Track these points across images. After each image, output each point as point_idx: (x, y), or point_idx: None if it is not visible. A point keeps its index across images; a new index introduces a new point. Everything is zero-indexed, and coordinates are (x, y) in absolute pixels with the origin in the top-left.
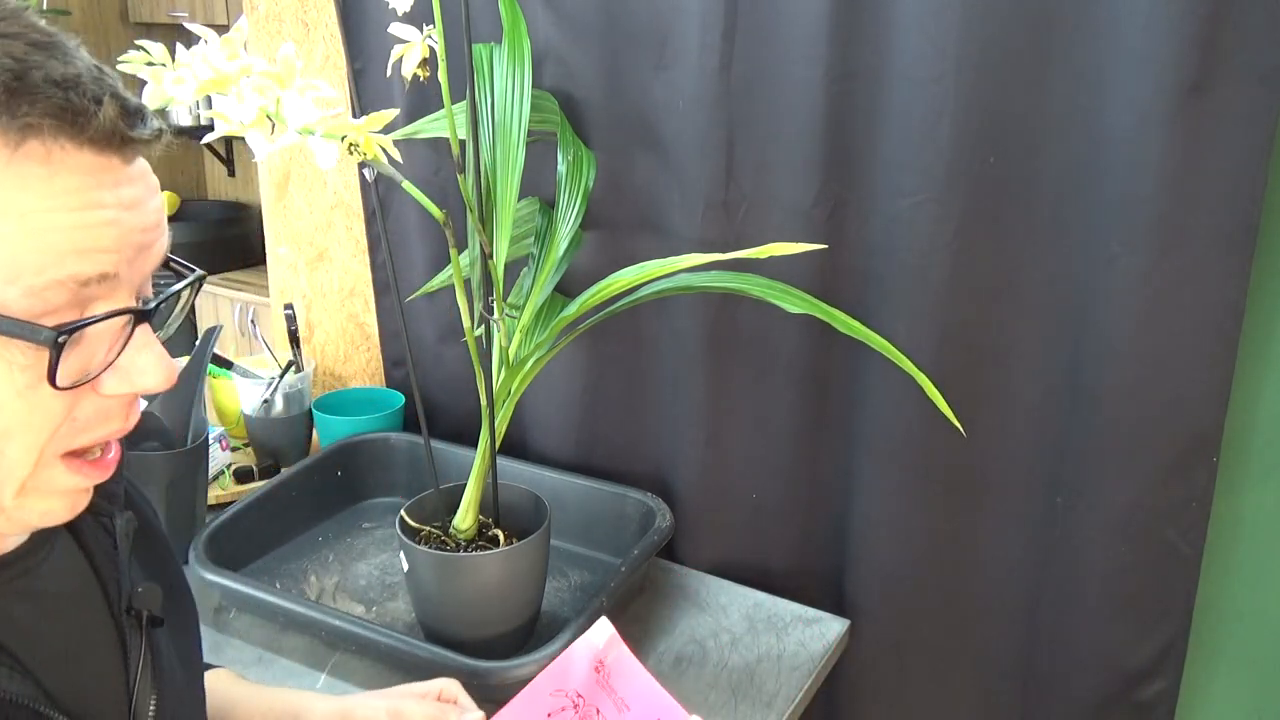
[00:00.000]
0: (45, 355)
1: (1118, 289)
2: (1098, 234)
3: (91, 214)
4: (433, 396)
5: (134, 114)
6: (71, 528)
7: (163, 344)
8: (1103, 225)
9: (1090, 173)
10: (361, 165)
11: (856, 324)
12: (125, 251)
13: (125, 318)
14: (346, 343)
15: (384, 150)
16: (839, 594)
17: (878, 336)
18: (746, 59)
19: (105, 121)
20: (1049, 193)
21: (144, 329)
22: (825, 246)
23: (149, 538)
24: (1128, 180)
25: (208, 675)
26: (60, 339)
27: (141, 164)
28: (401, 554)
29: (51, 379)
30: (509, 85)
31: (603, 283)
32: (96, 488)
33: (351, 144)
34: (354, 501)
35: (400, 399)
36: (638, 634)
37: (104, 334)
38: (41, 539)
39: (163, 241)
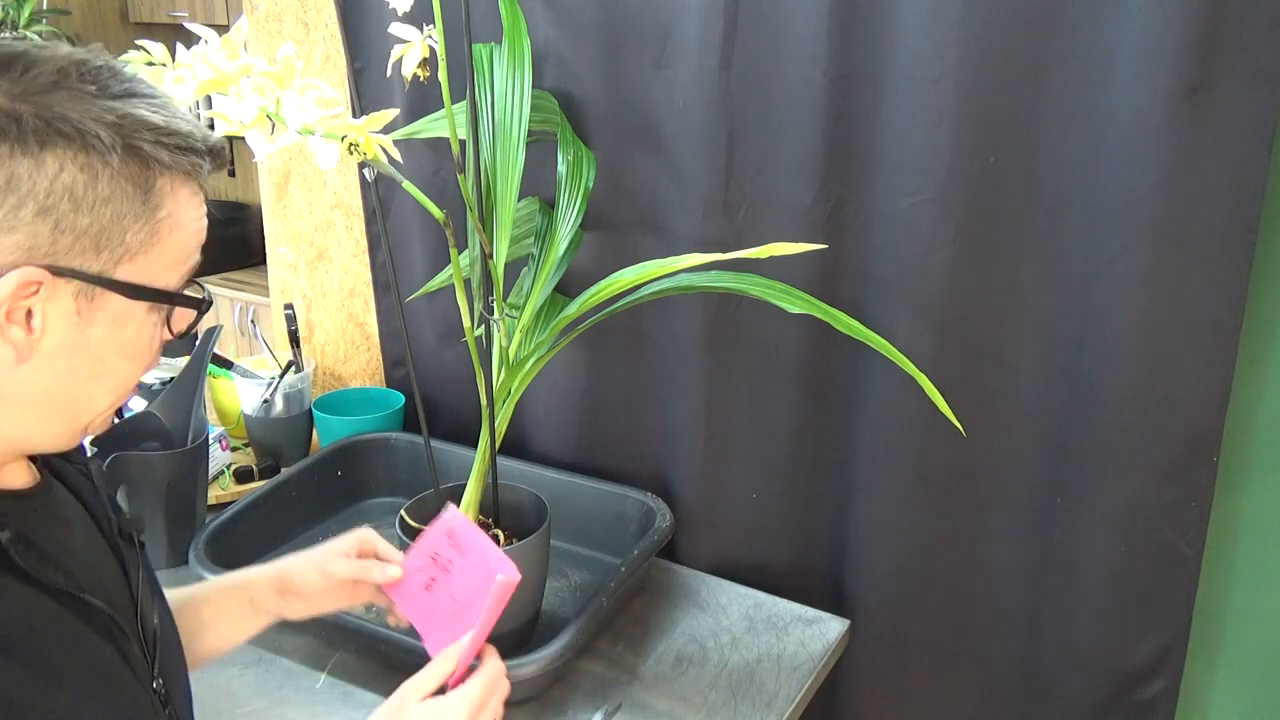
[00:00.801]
0: (164, 314)
1: (1118, 289)
2: (1098, 234)
3: (202, 222)
4: (433, 396)
5: (219, 158)
6: (58, 473)
7: (160, 342)
8: (1103, 225)
9: (1090, 173)
10: (361, 165)
11: (856, 324)
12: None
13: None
14: (346, 343)
15: (384, 150)
16: (839, 594)
17: (878, 337)
18: (746, 59)
19: (218, 160)
20: (1049, 193)
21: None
22: (825, 246)
23: (112, 480)
24: (1127, 180)
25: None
26: (205, 305)
27: None
28: None
29: (169, 327)
30: (509, 85)
31: (603, 283)
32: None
33: (351, 144)
34: (354, 501)
35: (400, 399)
36: (638, 634)
37: None
38: (46, 479)
39: None
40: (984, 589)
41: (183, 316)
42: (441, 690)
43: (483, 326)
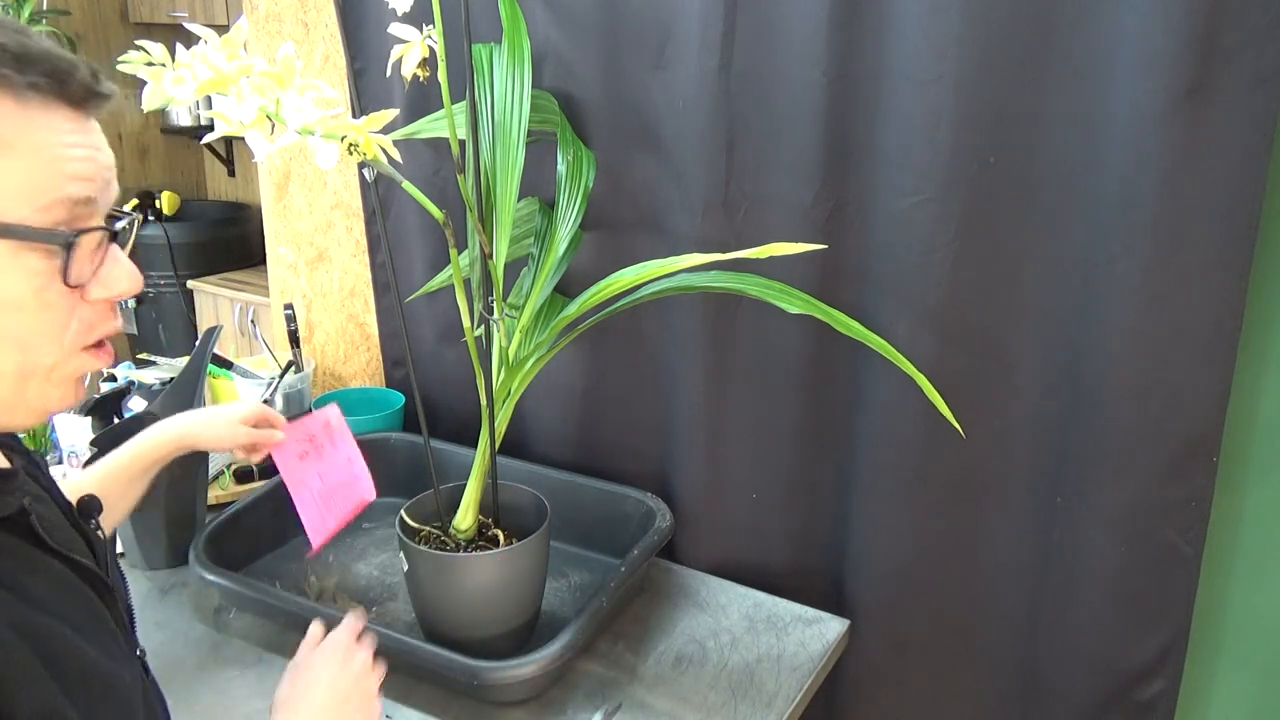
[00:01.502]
0: (56, 262)
1: (1118, 289)
2: (1098, 234)
3: (79, 150)
4: (433, 396)
5: (96, 75)
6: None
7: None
8: (1103, 225)
9: (1090, 173)
10: (361, 165)
11: (856, 324)
12: (98, 182)
13: (103, 234)
14: (346, 343)
15: (384, 150)
16: (839, 594)
17: (877, 337)
18: (746, 59)
19: (82, 79)
20: (1049, 193)
21: (114, 247)
22: (825, 246)
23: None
24: (1127, 181)
25: None
26: (70, 240)
27: (95, 122)
28: (401, 554)
29: (65, 277)
30: (509, 85)
31: (603, 283)
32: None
33: (351, 144)
34: None
35: (400, 399)
36: (638, 634)
37: (88, 252)
38: (12, 461)
39: (116, 183)
40: (984, 589)
41: (74, 271)
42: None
43: (483, 327)
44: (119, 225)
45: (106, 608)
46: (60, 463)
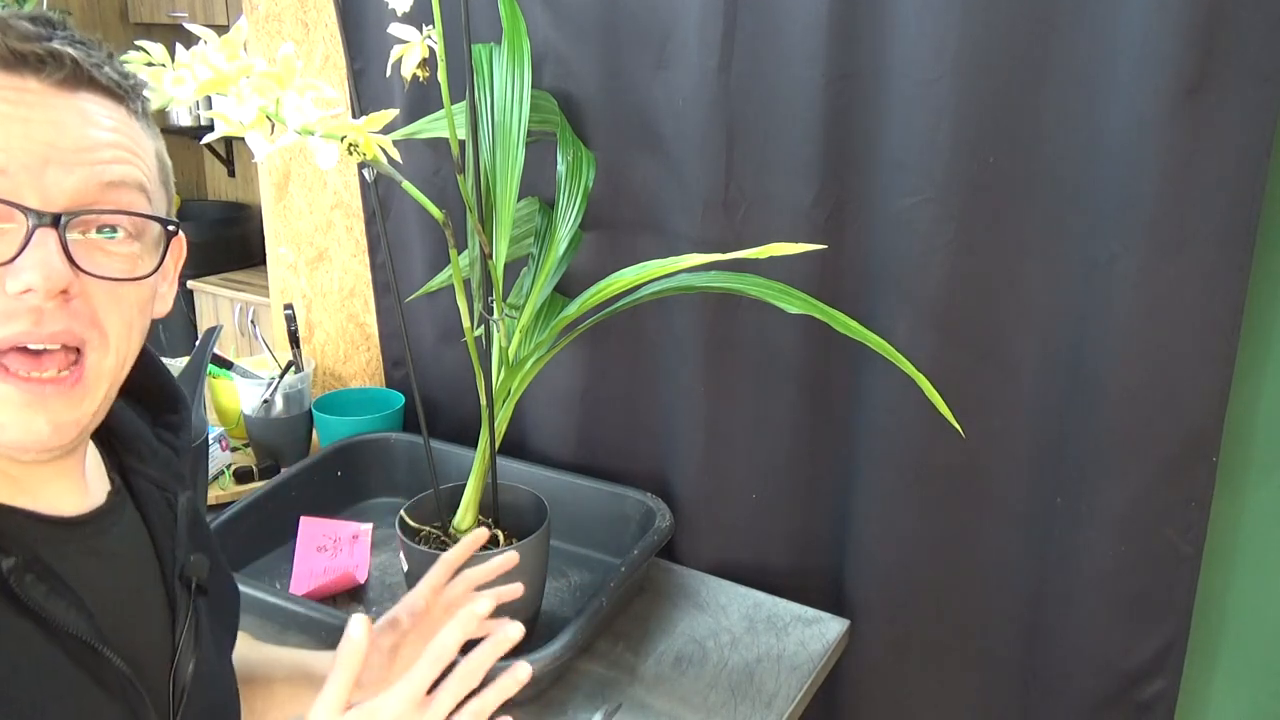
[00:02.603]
0: None
1: (1118, 289)
2: (1098, 234)
3: None
4: (433, 396)
5: (33, 39)
6: (139, 501)
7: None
8: (1103, 225)
9: (1090, 173)
10: (361, 165)
11: (855, 324)
12: (18, 154)
13: (23, 223)
14: (346, 343)
15: (384, 150)
16: (839, 594)
17: (877, 337)
18: (746, 59)
19: (8, 39)
20: (1049, 193)
21: (45, 235)
22: (825, 246)
23: (199, 520)
24: (1127, 180)
25: None
26: None
27: (94, 108)
28: (401, 554)
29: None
30: (509, 85)
31: (603, 283)
32: (169, 467)
33: (351, 144)
34: (354, 502)
35: (400, 399)
36: (638, 634)
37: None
38: (115, 505)
39: (97, 172)
40: (984, 589)
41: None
42: None
43: (482, 327)
44: (52, 213)
45: (129, 704)
46: None
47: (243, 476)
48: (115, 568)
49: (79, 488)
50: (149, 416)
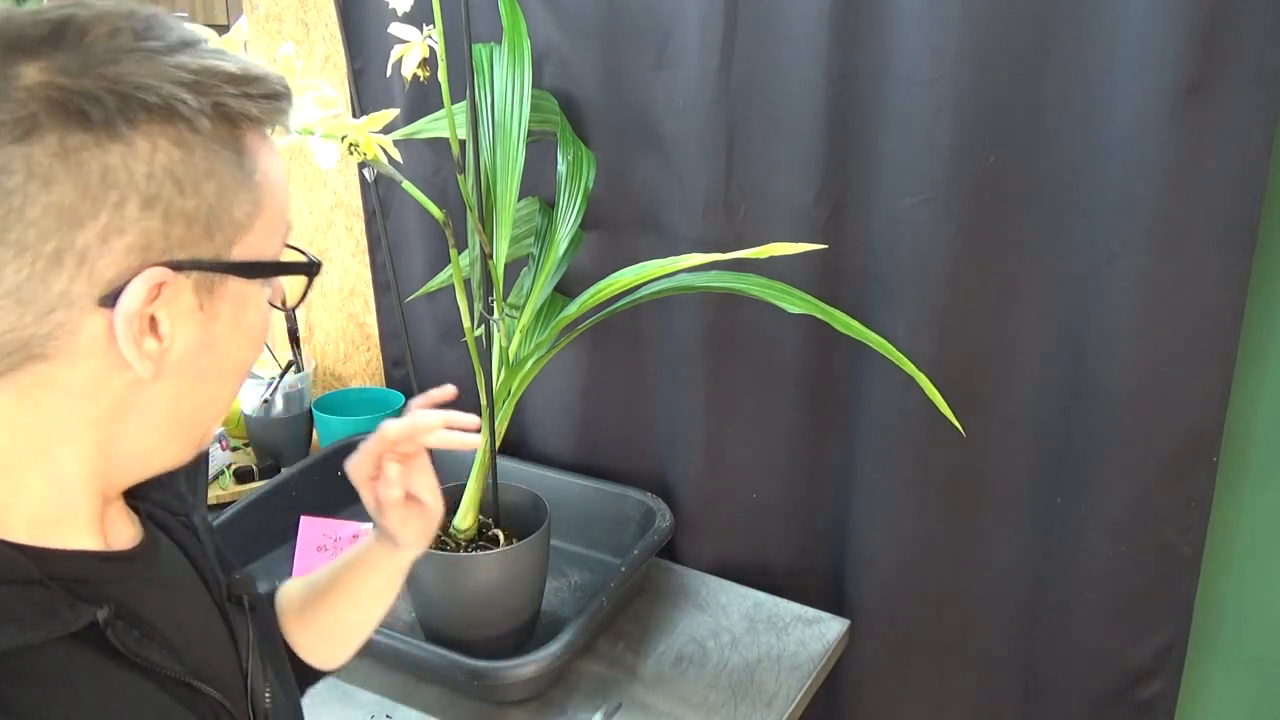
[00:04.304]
0: (267, 290)
1: (1118, 289)
2: (1098, 234)
3: (287, 179)
4: None
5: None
6: (163, 526)
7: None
8: (1103, 225)
9: (1090, 173)
10: (361, 165)
11: (856, 324)
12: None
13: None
14: (346, 343)
15: (384, 150)
16: (839, 594)
17: (877, 336)
18: (746, 59)
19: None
20: (1049, 193)
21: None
22: (825, 246)
23: (212, 535)
24: (1128, 180)
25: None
26: (315, 267)
27: None
28: None
29: (293, 304)
30: (509, 85)
31: (603, 283)
32: (173, 491)
33: (351, 144)
34: (354, 502)
35: (400, 399)
36: (638, 634)
37: None
38: (152, 535)
39: None
40: (984, 589)
41: (288, 285)
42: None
43: (483, 326)
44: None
45: None
46: None
47: (243, 476)
48: (176, 596)
49: (129, 517)
50: None
